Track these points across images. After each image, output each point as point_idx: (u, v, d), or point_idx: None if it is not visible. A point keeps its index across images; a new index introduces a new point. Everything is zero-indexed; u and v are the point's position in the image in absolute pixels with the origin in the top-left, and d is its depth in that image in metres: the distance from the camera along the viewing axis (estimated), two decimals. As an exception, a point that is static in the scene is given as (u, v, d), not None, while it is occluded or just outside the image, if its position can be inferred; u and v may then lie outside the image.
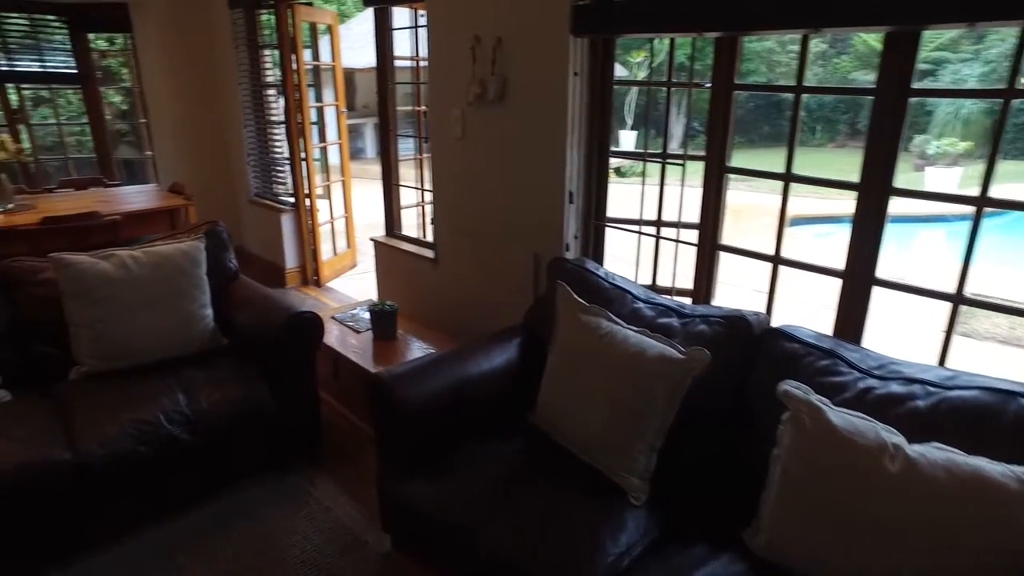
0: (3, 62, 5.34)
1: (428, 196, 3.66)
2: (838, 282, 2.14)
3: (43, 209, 4.10)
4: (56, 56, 5.60)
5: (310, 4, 4.62)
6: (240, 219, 5.79)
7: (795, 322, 1.95)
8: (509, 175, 2.90)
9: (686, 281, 2.62)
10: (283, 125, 4.88)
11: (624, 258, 3.00)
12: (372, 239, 3.94)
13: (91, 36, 5.84)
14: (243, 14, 4.83)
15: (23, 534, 2.14)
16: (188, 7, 5.24)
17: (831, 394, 1.58)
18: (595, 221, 2.78)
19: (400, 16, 3.72)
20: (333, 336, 3.27)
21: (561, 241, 2.74)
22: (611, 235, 2.83)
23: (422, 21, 3.57)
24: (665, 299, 2.23)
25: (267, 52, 4.86)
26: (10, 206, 4.10)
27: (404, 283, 3.77)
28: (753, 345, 1.90)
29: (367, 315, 3.31)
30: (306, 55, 4.77)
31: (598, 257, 2.83)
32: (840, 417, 1.43)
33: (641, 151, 2.72)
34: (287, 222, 5.03)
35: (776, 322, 2.00)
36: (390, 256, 3.85)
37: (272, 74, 4.89)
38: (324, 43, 5.15)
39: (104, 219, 3.74)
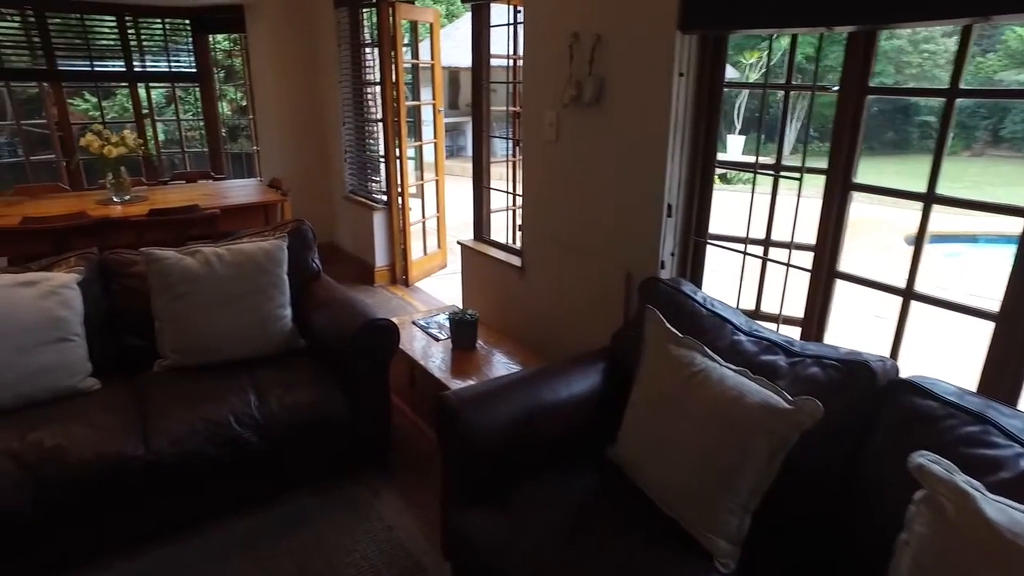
0: (137, 63, 5.66)
1: (519, 201, 3.51)
2: (988, 325, 1.79)
3: (154, 201, 4.28)
4: (180, 57, 5.89)
5: (411, 2, 4.58)
6: (334, 215, 5.89)
7: (924, 369, 1.63)
8: (603, 183, 2.69)
9: (795, 308, 2.32)
10: (380, 123, 4.87)
11: (725, 278, 2.72)
12: (459, 242, 3.83)
13: (215, 36, 6.11)
14: (347, 13, 4.86)
15: (90, 521, 2.16)
16: (296, 7, 5.37)
17: (981, 473, 1.27)
18: (695, 237, 2.52)
19: (499, 13, 3.59)
20: (412, 342, 3.18)
21: (656, 258, 2.50)
22: (712, 253, 2.56)
23: (520, 18, 3.41)
24: (771, 333, 1.95)
25: (368, 51, 4.87)
26: (127, 197, 4.30)
27: (489, 290, 3.64)
28: (876, 398, 1.60)
29: (448, 322, 3.20)
30: (406, 54, 4.74)
31: (696, 278, 2.57)
32: (997, 510, 1.13)
33: (751, 160, 2.43)
34: (379, 220, 5.03)
35: (905, 371, 1.69)
36: (476, 261, 3.73)
37: (372, 72, 4.90)
38: (426, 41, 5.12)
39: (204, 212, 3.83)
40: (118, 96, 10.20)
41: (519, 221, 3.43)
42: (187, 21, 5.74)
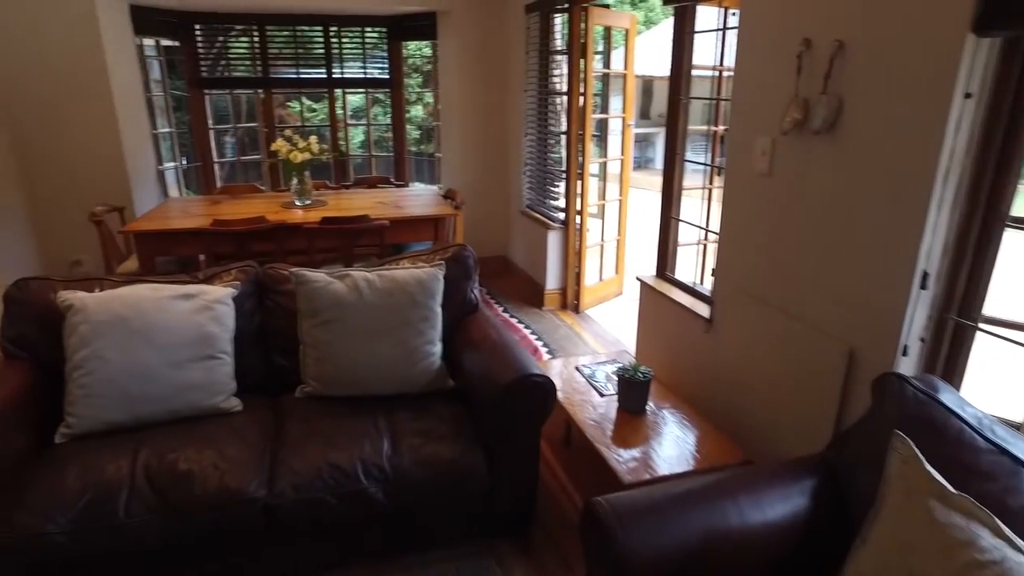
0: (336, 70, 5.88)
1: (713, 238, 2.98)
2: None
3: (330, 207, 4.32)
4: (375, 63, 6.03)
5: (607, 6, 4.19)
6: (509, 229, 5.68)
7: None
8: (829, 233, 2.09)
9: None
10: (563, 136, 4.55)
11: (997, 379, 2.00)
12: (639, 279, 3.36)
13: (410, 43, 6.19)
14: (538, 18, 4.59)
15: (206, 559, 2.06)
16: (486, 13, 5.23)
17: None
18: (958, 319, 1.85)
19: (706, 17, 3.06)
20: (573, 393, 2.78)
21: (896, 341, 1.87)
22: (983, 342, 1.87)
23: (733, 22, 2.86)
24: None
25: (557, 58, 4.56)
26: (307, 202, 4.38)
27: (667, 339, 3.14)
28: None
29: (617, 377, 2.76)
30: (597, 63, 4.36)
31: (952, 375, 1.89)
32: None
33: (1060, 218, 1.72)
34: (554, 240, 4.70)
35: None
36: (656, 303, 3.24)
37: (559, 82, 4.58)
38: (620, 49, 4.69)
39: (372, 223, 3.75)
40: (326, 100, 10.97)
41: (712, 263, 2.89)
42: (384, 29, 5.84)
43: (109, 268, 4.03)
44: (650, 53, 10.66)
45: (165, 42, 5.58)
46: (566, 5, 4.20)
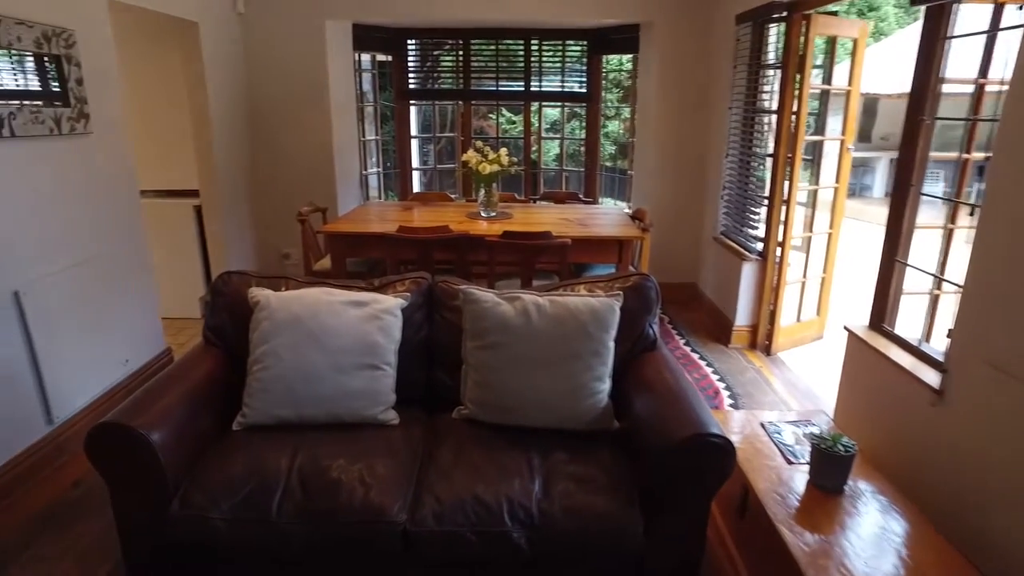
0: (534, 83, 5.89)
1: (951, 289, 2.44)
2: None
3: (516, 220, 4.27)
4: (573, 77, 5.96)
5: (834, 14, 3.70)
6: (699, 255, 5.29)
7: None
8: None
9: None
10: (769, 158, 4.10)
11: None
12: (847, 328, 2.87)
13: (609, 57, 6.05)
14: (750, 29, 4.19)
15: (337, 567, 2.02)
16: (693, 24, 4.92)
17: None
18: None
19: (970, 17, 2.51)
20: (755, 455, 2.41)
21: None
22: None
23: (1010, 19, 2.30)
24: None
25: (768, 73, 4.13)
26: (493, 214, 4.38)
27: (878, 406, 2.63)
28: None
29: (811, 446, 2.33)
30: (815, 78, 3.87)
31: None
32: None
33: None
34: (748, 272, 4.26)
35: None
36: (866, 359, 2.74)
37: (769, 99, 4.14)
38: (844, 63, 4.14)
39: (554, 241, 3.61)
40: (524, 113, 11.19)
41: (948, 320, 2.36)
42: (585, 42, 5.74)
43: (308, 264, 4.32)
44: (876, 68, 9.54)
45: (380, 57, 5.96)
46: (784, 13, 3.77)
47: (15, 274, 2.80)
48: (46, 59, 2.97)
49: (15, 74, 2.83)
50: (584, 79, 5.89)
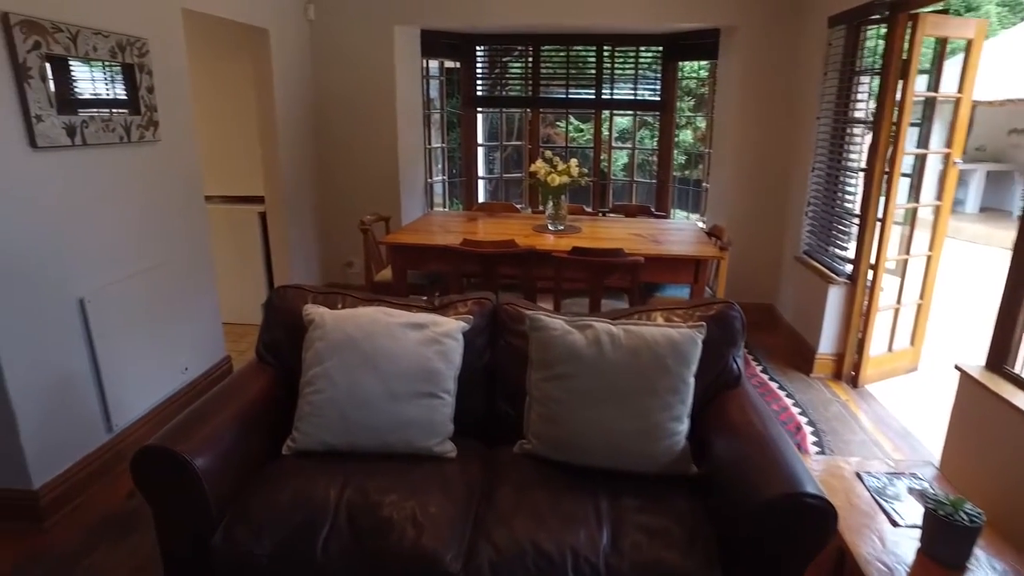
0: (605, 91, 5.69)
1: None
2: None
3: (585, 234, 4.07)
4: (647, 85, 5.71)
5: (945, 12, 3.34)
6: (779, 275, 4.95)
7: None
8: None
9: None
10: (862, 173, 3.76)
11: None
12: (959, 368, 2.54)
13: (685, 64, 5.79)
14: (844, 32, 3.87)
15: None
16: (779, 29, 4.61)
17: None
18: None
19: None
20: (851, 511, 2.13)
21: None
22: None
23: None
24: None
25: (864, 79, 3.79)
26: (561, 227, 4.19)
27: (1001, 461, 2.30)
28: None
29: (923, 511, 2.03)
30: (919, 84, 3.52)
31: None
32: None
33: None
34: (835, 296, 3.92)
35: None
36: (983, 406, 2.40)
37: (863, 107, 3.80)
38: (950, 67, 3.75)
39: (626, 259, 3.39)
40: (593, 121, 10.94)
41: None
42: (660, 48, 5.49)
43: (369, 275, 4.24)
44: (986, 70, 8.84)
45: (448, 63, 5.87)
46: (886, 13, 3.45)
47: (81, 282, 2.79)
48: (120, 68, 2.96)
49: (91, 83, 2.83)
50: (657, 87, 5.63)
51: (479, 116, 6.04)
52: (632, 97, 5.79)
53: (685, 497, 1.98)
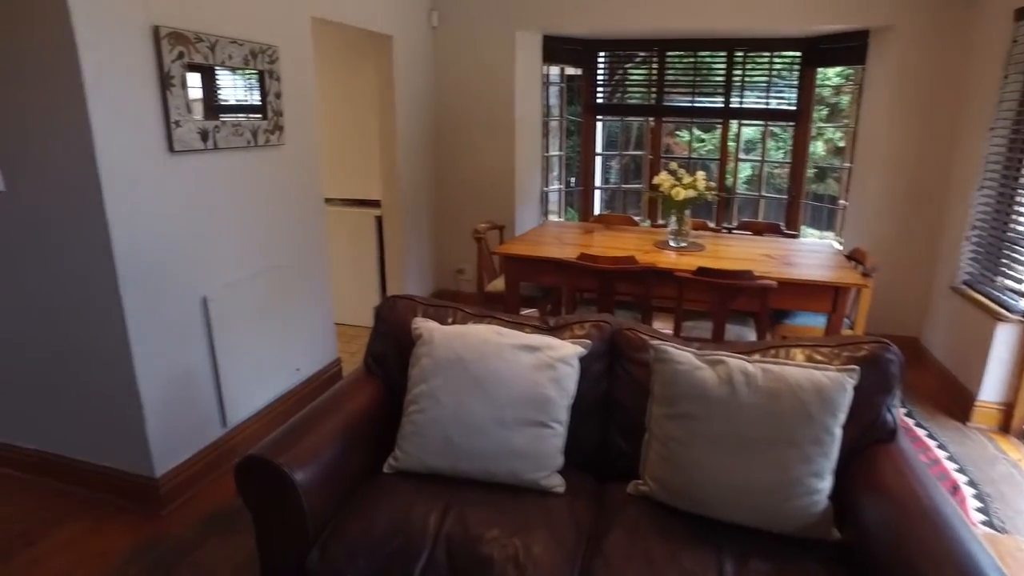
0: (735, 99, 5.34)
1: None
2: None
3: (709, 253, 3.79)
4: (781, 93, 5.30)
5: None
6: (928, 305, 4.42)
7: None
8: None
9: None
10: (1045, 195, 3.25)
11: None
12: None
13: (824, 71, 5.32)
14: (1035, 32, 3.36)
15: None
16: (944, 27, 4.11)
17: None
18: None
19: None
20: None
21: None
22: None
23: None
24: None
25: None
26: (683, 244, 3.93)
27: None
28: None
29: None
30: None
31: None
32: None
33: None
34: (1005, 335, 3.40)
35: None
36: None
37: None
38: None
39: (756, 283, 3.09)
40: (718, 130, 10.44)
41: None
42: (798, 53, 5.07)
43: (481, 283, 4.16)
44: None
45: (569, 70, 5.73)
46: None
47: (206, 281, 2.88)
48: (251, 74, 3.04)
49: (226, 89, 2.92)
50: (792, 95, 5.21)
51: (598, 124, 5.85)
52: (763, 106, 5.39)
53: (824, 566, 1.71)
